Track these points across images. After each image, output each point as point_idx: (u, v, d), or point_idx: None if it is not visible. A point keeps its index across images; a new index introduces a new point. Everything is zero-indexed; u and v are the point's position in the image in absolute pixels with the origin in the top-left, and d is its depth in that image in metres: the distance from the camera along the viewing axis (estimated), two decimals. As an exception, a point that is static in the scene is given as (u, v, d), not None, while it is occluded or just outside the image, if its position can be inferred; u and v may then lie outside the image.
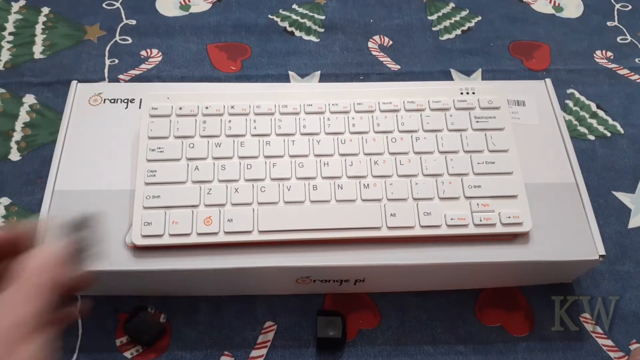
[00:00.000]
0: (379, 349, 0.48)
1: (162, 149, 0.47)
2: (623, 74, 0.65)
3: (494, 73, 0.64)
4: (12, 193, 0.54)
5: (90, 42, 0.64)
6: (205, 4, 0.68)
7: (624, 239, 0.54)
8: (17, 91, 0.60)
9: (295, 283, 0.47)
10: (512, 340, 0.49)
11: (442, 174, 0.47)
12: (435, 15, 0.69)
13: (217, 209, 0.45)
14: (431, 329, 0.49)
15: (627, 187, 0.57)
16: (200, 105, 0.49)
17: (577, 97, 0.63)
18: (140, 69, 0.62)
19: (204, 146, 0.48)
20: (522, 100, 0.53)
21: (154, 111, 0.49)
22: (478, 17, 0.69)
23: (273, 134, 0.49)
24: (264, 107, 0.50)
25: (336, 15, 0.68)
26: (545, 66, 0.65)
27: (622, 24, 0.69)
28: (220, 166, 0.47)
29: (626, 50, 0.67)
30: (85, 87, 0.53)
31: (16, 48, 0.63)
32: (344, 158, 0.47)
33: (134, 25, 0.66)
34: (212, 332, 0.48)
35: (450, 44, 0.67)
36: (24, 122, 0.58)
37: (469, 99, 0.51)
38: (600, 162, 0.58)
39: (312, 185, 0.46)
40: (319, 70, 0.64)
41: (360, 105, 0.50)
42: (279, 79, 0.63)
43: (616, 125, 0.61)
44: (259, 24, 0.67)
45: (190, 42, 0.65)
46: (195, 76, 0.62)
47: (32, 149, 0.56)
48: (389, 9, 0.69)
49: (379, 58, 0.65)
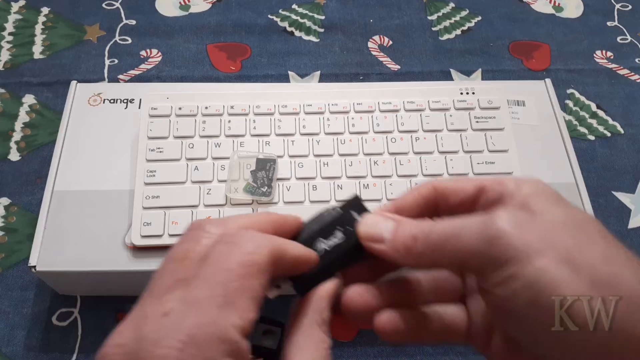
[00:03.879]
0: (379, 349, 0.48)
1: (161, 149, 0.47)
2: (623, 74, 0.65)
3: (493, 73, 0.64)
4: (11, 193, 0.54)
5: (89, 42, 0.64)
6: (205, 4, 0.68)
7: (624, 239, 0.54)
8: (16, 91, 0.60)
9: (295, 283, 0.47)
10: (512, 340, 0.49)
11: (442, 174, 0.47)
12: (435, 15, 0.69)
13: (216, 209, 0.45)
14: (431, 329, 0.49)
15: (627, 187, 0.57)
16: (200, 105, 0.49)
17: (577, 97, 0.63)
18: (140, 69, 0.62)
19: (203, 146, 0.48)
20: (522, 100, 0.53)
21: (153, 111, 0.49)
22: (478, 17, 0.69)
23: (273, 134, 0.49)
24: (263, 107, 0.50)
25: (336, 15, 0.68)
26: (545, 66, 0.65)
27: (622, 24, 0.69)
28: (220, 166, 0.47)
29: (626, 50, 0.67)
30: (84, 87, 0.53)
31: (16, 48, 0.63)
32: (344, 158, 0.47)
33: (133, 25, 0.66)
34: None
35: (450, 44, 0.66)
36: (23, 122, 0.58)
37: (468, 99, 0.51)
38: (600, 162, 0.58)
39: (312, 185, 0.46)
40: (319, 70, 0.64)
41: (360, 105, 0.50)
42: (278, 79, 0.63)
43: (616, 125, 0.61)
44: (258, 24, 0.67)
45: (190, 42, 0.65)
46: (195, 76, 0.62)
47: (32, 149, 0.56)
48: (388, 9, 0.69)
49: (379, 58, 0.65)
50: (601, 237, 0.23)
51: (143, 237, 0.44)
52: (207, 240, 0.24)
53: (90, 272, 0.43)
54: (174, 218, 0.44)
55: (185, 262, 0.23)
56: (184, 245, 0.24)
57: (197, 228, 0.25)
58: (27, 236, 0.51)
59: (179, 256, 0.24)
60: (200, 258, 0.23)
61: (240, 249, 0.23)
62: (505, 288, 0.22)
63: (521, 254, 0.22)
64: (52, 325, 0.47)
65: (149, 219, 0.44)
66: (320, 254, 0.28)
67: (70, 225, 0.45)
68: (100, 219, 0.45)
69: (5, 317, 0.48)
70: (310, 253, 0.27)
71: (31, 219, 0.52)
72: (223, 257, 0.23)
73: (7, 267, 0.50)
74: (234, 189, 0.45)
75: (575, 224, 0.23)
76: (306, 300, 0.27)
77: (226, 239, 0.24)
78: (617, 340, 0.21)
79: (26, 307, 0.48)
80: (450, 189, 0.27)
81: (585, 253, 0.22)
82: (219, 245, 0.23)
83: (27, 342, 0.47)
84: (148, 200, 0.45)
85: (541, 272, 0.21)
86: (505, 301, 0.23)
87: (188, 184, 0.46)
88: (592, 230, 0.23)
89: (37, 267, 0.43)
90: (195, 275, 0.23)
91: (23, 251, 0.50)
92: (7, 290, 0.49)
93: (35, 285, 0.49)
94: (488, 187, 0.26)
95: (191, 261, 0.23)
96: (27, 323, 0.47)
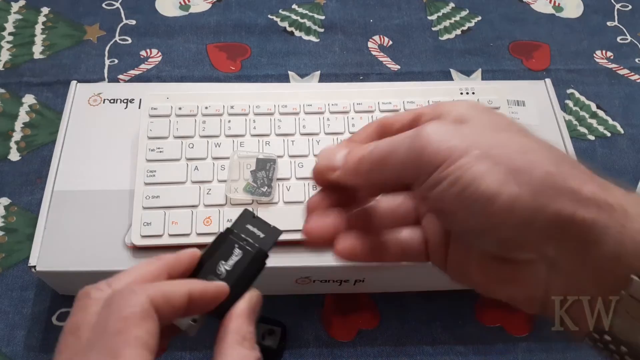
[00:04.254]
0: (378, 349, 0.48)
1: (161, 149, 0.47)
2: (623, 74, 0.65)
3: (493, 73, 0.64)
4: (11, 193, 0.54)
5: (90, 42, 0.64)
6: (205, 4, 0.68)
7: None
8: (16, 91, 0.60)
9: (295, 283, 0.47)
10: (512, 340, 0.49)
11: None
12: (435, 15, 0.69)
13: (216, 209, 0.45)
14: (431, 329, 0.49)
15: (627, 187, 0.57)
16: (200, 105, 0.49)
17: (577, 97, 0.63)
18: (139, 69, 0.62)
19: (203, 146, 0.48)
20: (522, 100, 0.53)
21: (153, 111, 0.49)
22: (478, 17, 0.69)
23: (273, 134, 0.49)
24: (263, 107, 0.50)
25: (336, 15, 0.68)
26: (545, 66, 0.65)
27: (622, 24, 0.69)
28: (220, 166, 0.47)
29: (626, 50, 0.67)
30: (84, 87, 0.53)
31: (16, 48, 0.63)
32: (344, 158, 0.47)
33: (133, 25, 0.66)
34: (212, 332, 0.48)
35: (450, 44, 0.66)
36: (23, 122, 0.58)
37: (468, 99, 0.50)
38: (600, 162, 0.58)
39: (312, 185, 0.46)
40: (319, 70, 0.64)
41: (360, 105, 0.50)
42: (278, 79, 0.63)
43: (616, 125, 0.61)
44: (258, 24, 0.67)
45: (190, 42, 0.65)
46: (195, 76, 0.62)
47: (32, 149, 0.56)
48: (388, 9, 0.69)
49: (379, 58, 0.65)
50: (521, 135, 0.26)
51: (143, 237, 0.44)
52: (94, 307, 0.25)
53: (91, 272, 0.43)
54: (174, 218, 0.44)
55: (77, 333, 0.25)
56: (74, 317, 0.26)
57: (83, 297, 0.26)
58: (27, 236, 0.51)
59: (72, 328, 0.25)
60: (90, 326, 0.25)
61: (118, 307, 0.25)
62: (436, 190, 0.24)
63: (446, 157, 0.24)
64: (52, 325, 0.47)
65: (149, 219, 0.44)
66: (225, 277, 0.29)
67: (70, 225, 0.45)
68: (100, 219, 0.45)
69: (5, 317, 0.48)
70: (213, 286, 0.28)
71: (31, 219, 0.52)
72: (103, 320, 0.25)
73: (7, 267, 0.50)
74: (234, 189, 0.45)
75: (498, 127, 0.26)
76: (223, 324, 0.28)
77: (107, 302, 0.25)
78: (537, 215, 0.23)
79: (26, 307, 0.48)
80: (392, 119, 0.30)
81: (504, 147, 0.24)
82: (103, 310, 0.25)
83: (27, 342, 0.47)
84: (148, 200, 0.45)
85: (463, 169, 0.23)
86: (438, 202, 0.25)
87: (188, 184, 0.46)
88: (514, 130, 0.26)
89: (37, 267, 0.43)
90: (87, 344, 0.24)
91: (23, 251, 0.50)
92: (7, 290, 0.49)
93: (35, 285, 0.49)
94: (425, 112, 0.29)
95: (83, 331, 0.25)
96: (27, 323, 0.47)
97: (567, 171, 0.24)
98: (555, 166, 0.24)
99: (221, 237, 0.30)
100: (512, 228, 0.24)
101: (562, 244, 0.24)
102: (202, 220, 0.44)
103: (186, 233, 0.44)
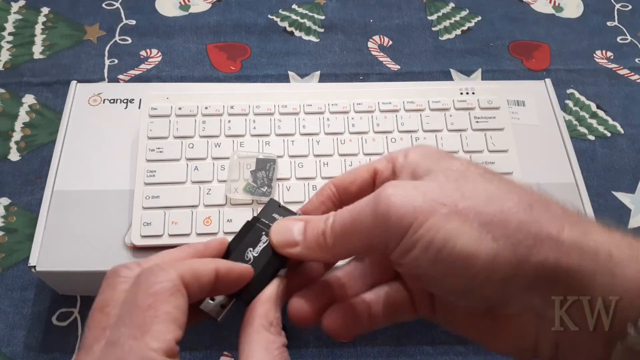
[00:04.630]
0: (378, 349, 0.48)
1: (161, 149, 0.47)
2: (623, 74, 0.65)
3: (493, 73, 0.64)
4: (11, 193, 0.54)
5: (89, 42, 0.64)
6: (205, 4, 0.68)
7: (624, 239, 0.54)
8: (16, 91, 0.60)
9: (295, 283, 0.47)
10: (512, 340, 0.49)
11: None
12: (435, 15, 0.69)
13: (216, 209, 0.45)
14: (431, 329, 0.49)
15: (627, 187, 0.57)
16: (200, 105, 0.49)
17: (577, 97, 0.63)
18: (139, 69, 0.62)
19: (203, 146, 0.48)
20: (522, 100, 0.53)
21: (153, 111, 0.49)
22: (478, 17, 0.69)
23: (272, 134, 0.49)
24: (263, 107, 0.50)
25: (336, 15, 0.68)
26: (545, 66, 0.65)
27: (622, 24, 0.69)
28: (220, 166, 0.47)
29: (626, 50, 0.67)
30: (84, 87, 0.53)
31: (16, 48, 0.63)
32: (344, 158, 0.47)
33: (133, 25, 0.66)
34: (212, 332, 0.48)
35: (450, 44, 0.66)
36: (23, 122, 0.58)
37: (468, 99, 0.51)
38: (600, 162, 0.58)
39: (312, 185, 0.46)
40: (319, 70, 0.64)
41: (360, 105, 0.50)
42: (278, 79, 0.63)
43: (616, 125, 0.61)
44: (258, 24, 0.67)
45: (190, 42, 0.65)
46: (195, 76, 0.62)
47: (32, 149, 0.56)
48: (388, 9, 0.69)
49: (379, 58, 0.65)
50: (483, 180, 0.25)
51: (143, 237, 0.44)
52: (124, 285, 0.25)
53: (91, 272, 0.43)
54: (174, 218, 0.44)
55: (106, 310, 0.25)
56: (103, 295, 0.26)
57: (112, 275, 0.26)
58: (27, 236, 0.51)
59: (100, 306, 0.25)
60: (119, 303, 0.25)
61: (147, 283, 0.24)
62: (409, 256, 0.23)
63: (413, 220, 0.23)
64: (52, 325, 0.47)
65: (149, 219, 0.44)
66: (252, 262, 0.29)
67: (70, 225, 0.45)
68: (100, 219, 0.45)
69: (5, 317, 0.48)
70: (239, 266, 0.28)
71: (31, 219, 0.52)
72: (132, 296, 0.24)
73: (7, 267, 0.50)
74: (234, 189, 0.45)
75: (458, 176, 0.25)
76: (250, 308, 0.28)
77: (137, 279, 0.25)
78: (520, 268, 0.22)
79: (26, 307, 0.48)
80: (347, 181, 0.29)
81: (469, 200, 0.23)
82: (132, 287, 0.25)
83: (27, 342, 0.47)
84: (148, 200, 0.45)
85: (433, 230, 0.23)
86: (414, 268, 0.24)
87: (188, 184, 0.46)
88: (474, 175, 0.25)
89: (37, 267, 0.43)
90: (116, 320, 0.24)
91: (23, 251, 0.50)
92: (7, 290, 0.49)
93: (35, 285, 0.49)
94: (380, 167, 0.28)
95: (111, 308, 0.25)
96: (27, 323, 0.47)
97: (540, 215, 0.23)
98: (527, 212, 0.23)
99: (248, 225, 0.30)
100: (495, 284, 0.23)
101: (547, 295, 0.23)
102: (202, 220, 0.44)
103: (186, 233, 0.44)
